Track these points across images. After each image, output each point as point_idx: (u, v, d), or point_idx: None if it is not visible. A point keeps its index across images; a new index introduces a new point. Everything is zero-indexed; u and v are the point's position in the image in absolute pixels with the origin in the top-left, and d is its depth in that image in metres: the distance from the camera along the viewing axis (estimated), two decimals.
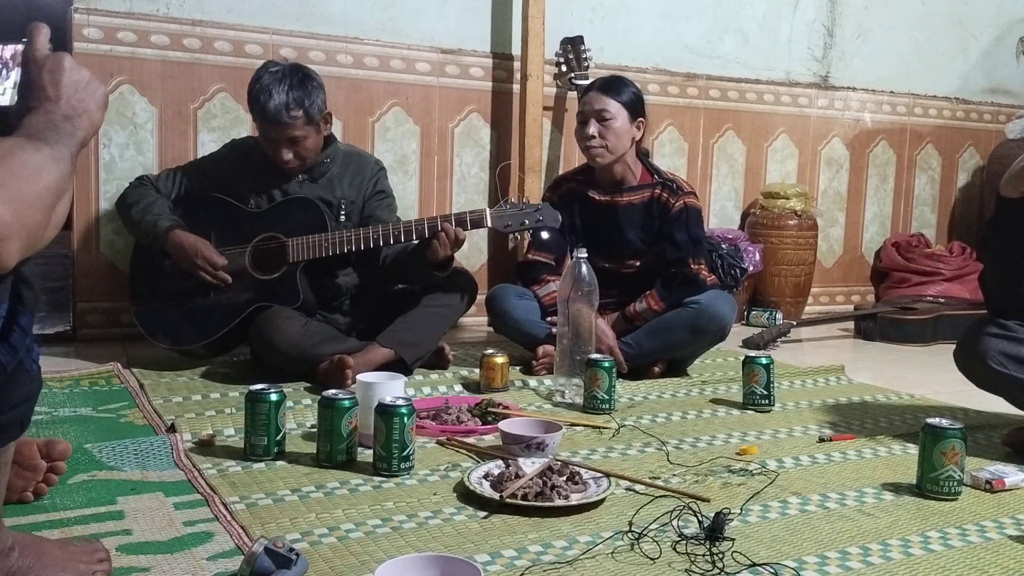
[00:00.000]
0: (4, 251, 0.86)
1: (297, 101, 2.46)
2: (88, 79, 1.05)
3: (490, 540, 1.42)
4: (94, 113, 1.05)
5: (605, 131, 2.66)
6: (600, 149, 2.67)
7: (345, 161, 2.68)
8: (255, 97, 2.48)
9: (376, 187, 2.69)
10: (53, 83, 1.02)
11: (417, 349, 2.52)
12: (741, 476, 1.78)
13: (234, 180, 2.62)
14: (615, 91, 2.69)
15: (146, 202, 2.56)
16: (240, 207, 2.59)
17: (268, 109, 2.45)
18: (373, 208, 2.66)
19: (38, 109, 1.01)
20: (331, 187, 2.63)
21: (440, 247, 2.45)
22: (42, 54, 1.04)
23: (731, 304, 2.69)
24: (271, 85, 2.46)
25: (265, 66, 2.53)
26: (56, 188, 0.94)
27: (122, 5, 2.98)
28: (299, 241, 2.50)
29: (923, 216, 4.70)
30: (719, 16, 4.02)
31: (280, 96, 2.45)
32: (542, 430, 1.89)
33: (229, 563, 1.30)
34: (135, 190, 2.62)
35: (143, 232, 2.54)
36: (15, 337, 0.94)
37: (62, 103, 1.02)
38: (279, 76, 2.48)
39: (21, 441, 1.29)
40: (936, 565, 1.39)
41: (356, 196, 2.66)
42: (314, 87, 2.51)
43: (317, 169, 2.62)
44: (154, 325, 2.57)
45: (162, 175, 2.68)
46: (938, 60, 4.60)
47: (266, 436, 1.77)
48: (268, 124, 2.49)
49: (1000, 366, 2.00)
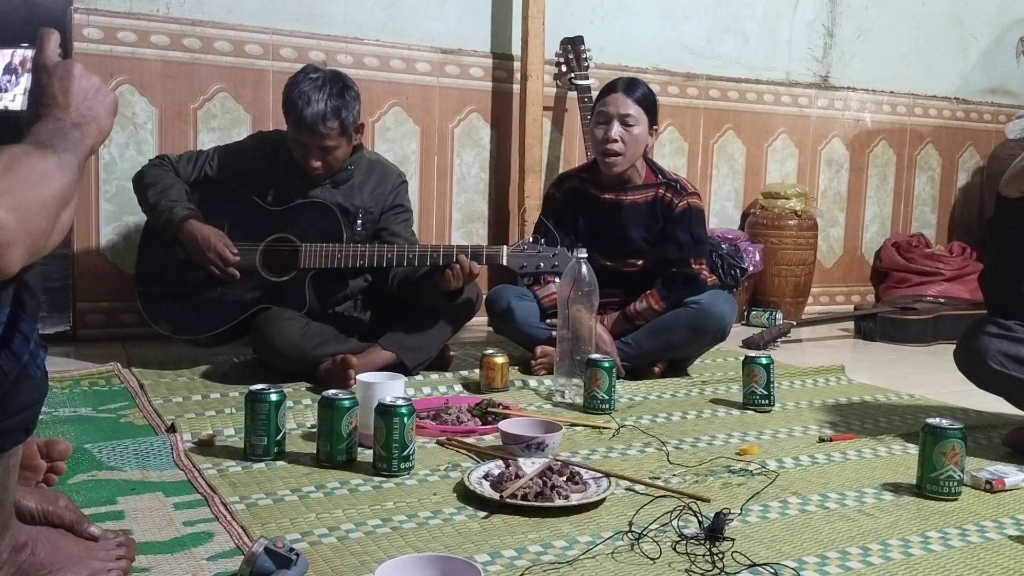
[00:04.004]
0: (8, 257, 0.86)
1: (335, 112, 2.43)
2: (98, 86, 1.05)
3: (490, 540, 1.42)
4: (103, 120, 1.05)
5: (627, 136, 2.63)
6: (619, 157, 2.64)
7: (368, 170, 2.65)
8: (292, 101, 2.43)
9: (395, 200, 2.66)
10: (63, 90, 1.02)
11: (419, 354, 2.51)
12: (741, 476, 1.78)
13: (256, 174, 2.58)
14: (639, 95, 2.66)
15: (164, 184, 2.51)
16: (258, 202, 2.56)
17: (305, 116, 2.41)
18: (389, 221, 2.63)
19: (47, 116, 1.01)
20: (351, 194, 2.60)
21: (453, 278, 2.41)
22: (52, 61, 1.04)
23: (731, 304, 2.69)
24: (311, 92, 2.42)
25: (304, 71, 2.49)
26: (62, 196, 0.94)
27: (122, 5, 2.98)
28: (312, 248, 2.47)
29: (923, 216, 4.70)
30: (719, 16, 4.02)
31: (319, 104, 2.41)
32: (542, 430, 1.89)
33: (229, 563, 1.30)
34: (153, 169, 2.56)
35: (157, 215, 2.50)
36: (17, 343, 0.94)
37: (71, 110, 1.02)
38: (319, 83, 2.44)
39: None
40: (936, 565, 1.39)
41: (374, 206, 2.62)
42: (352, 97, 2.48)
43: (340, 175, 2.58)
44: (156, 310, 2.54)
45: (184, 157, 2.62)
46: (938, 60, 4.60)
47: (266, 436, 1.77)
48: (303, 131, 2.45)
49: (1000, 366, 2.00)
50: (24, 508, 1.18)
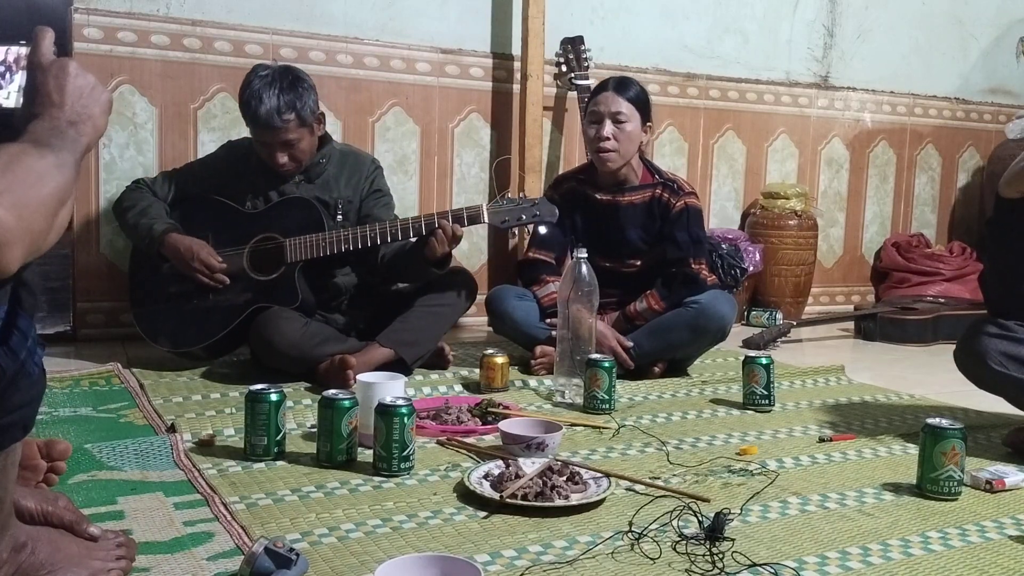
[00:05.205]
0: (7, 256, 0.87)
1: (288, 104, 2.45)
2: (93, 85, 1.05)
3: (490, 540, 1.42)
4: (98, 119, 1.05)
5: (619, 133, 2.65)
6: (612, 154, 2.65)
7: (341, 161, 2.67)
8: (246, 102, 2.47)
9: (373, 186, 2.69)
10: (58, 89, 1.02)
11: (417, 348, 2.52)
12: (741, 476, 1.78)
13: (231, 182, 2.62)
14: (629, 93, 2.67)
15: (142, 206, 2.57)
16: (237, 208, 2.59)
17: (259, 114, 2.44)
18: (371, 207, 2.66)
19: (43, 115, 1.01)
20: (327, 187, 2.63)
21: (438, 244, 2.44)
22: (47, 59, 1.04)
23: (731, 304, 2.69)
24: (261, 90, 2.45)
25: (255, 70, 2.52)
26: (59, 195, 0.95)
27: (122, 5, 2.98)
28: (296, 241, 2.50)
29: (923, 216, 4.70)
30: (719, 16, 4.02)
31: (271, 100, 2.44)
32: (542, 430, 1.89)
33: (229, 563, 1.30)
34: (131, 193, 2.63)
35: (139, 236, 2.55)
36: (15, 340, 0.95)
37: (67, 109, 1.02)
38: (269, 80, 2.47)
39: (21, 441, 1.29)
40: (936, 565, 1.39)
41: (353, 195, 2.65)
42: (305, 88, 2.50)
43: (313, 170, 2.61)
44: (154, 328, 2.57)
45: (158, 178, 2.69)
46: (938, 60, 4.60)
47: (266, 436, 1.77)
48: (261, 129, 2.48)
49: (1000, 366, 2.00)
50: (23, 508, 1.18)
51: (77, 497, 1.53)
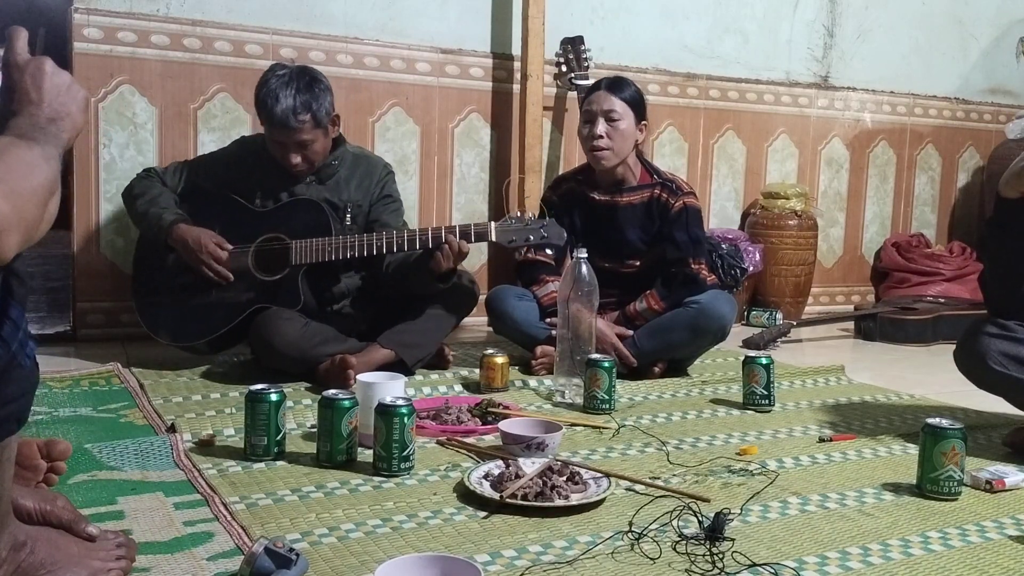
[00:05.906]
0: (5, 243, 0.88)
1: (305, 105, 2.45)
2: (69, 82, 1.07)
3: (490, 540, 1.42)
4: (76, 116, 1.07)
5: (612, 131, 2.65)
6: (606, 152, 2.66)
7: (353, 164, 2.66)
8: (262, 101, 2.46)
9: (383, 191, 2.67)
10: (36, 87, 1.04)
11: (418, 351, 2.52)
12: (741, 476, 1.78)
13: (242, 178, 2.61)
14: (622, 91, 2.69)
15: (152, 194, 2.56)
16: (246, 205, 2.59)
17: (275, 113, 2.44)
18: (379, 212, 2.65)
19: (22, 112, 1.03)
20: (338, 189, 2.62)
21: (443, 259, 2.42)
22: (23, 58, 1.05)
23: (731, 304, 2.69)
24: (278, 89, 2.44)
25: (272, 69, 2.52)
26: (48, 185, 0.96)
27: (122, 5, 2.98)
28: (302, 244, 2.49)
29: (923, 216, 4.70)
30: (719, 16, 4.02)
31: (287, 100, 2.43)
32: (542, 430, 1.89)
33: (229, 563, 1.30)
34: (142, 182, 2.62)
35: (148, 224, 2.54)
36: (7, 331, 0.95)
37: (45, 106, 1.03)
38: (286, 79, 2.46)
39: (21, 441, 1.29)
40: (936, 565, 1.39)
41: (363, 199, 2.64)
42: (322, 90, 2.50)
43: (325, 171, 2.60)
44: (154, 320, 2.57)
45: (169, 168, 2.68)
46: (938, 60, 4.60)
47: (266, 436, 1.77)
48: (276, 128, 2.48)
49: (1000, 366, 2.00)
50: (22, 508, 1.18)
51: (77, 497, 1.53)
